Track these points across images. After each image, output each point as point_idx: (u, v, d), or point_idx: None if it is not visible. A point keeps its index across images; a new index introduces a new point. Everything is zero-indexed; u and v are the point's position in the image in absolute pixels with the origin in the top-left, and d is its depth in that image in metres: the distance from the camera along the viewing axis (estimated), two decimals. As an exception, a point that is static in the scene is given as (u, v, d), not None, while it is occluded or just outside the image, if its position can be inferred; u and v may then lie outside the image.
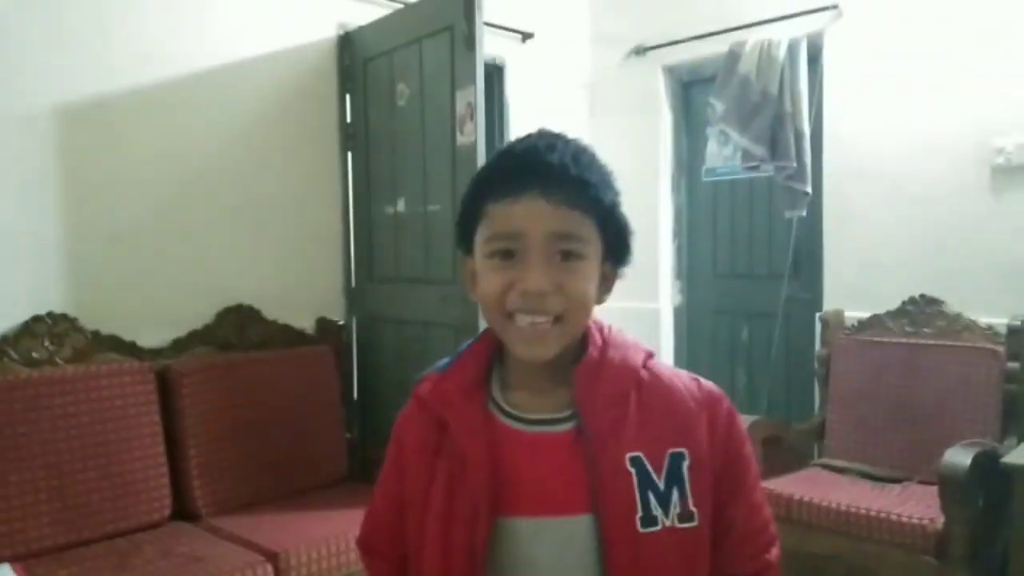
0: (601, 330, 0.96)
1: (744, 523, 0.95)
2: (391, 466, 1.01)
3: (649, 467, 0.88)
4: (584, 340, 0.95)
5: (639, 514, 0.87)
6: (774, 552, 0.98)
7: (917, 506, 2.50)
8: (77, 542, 2.26)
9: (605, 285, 0.95)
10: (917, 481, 2.72)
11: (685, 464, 0.90)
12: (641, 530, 0.86)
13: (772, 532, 0.99)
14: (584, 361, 0.92)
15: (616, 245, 0.94)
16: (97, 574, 2.07)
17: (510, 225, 0.88)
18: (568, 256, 0.88)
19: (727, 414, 0.96)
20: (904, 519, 2.42)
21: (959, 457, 2.36)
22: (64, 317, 2.47)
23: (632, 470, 0.88)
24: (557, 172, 0.87)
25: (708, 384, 0.97)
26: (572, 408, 0.91)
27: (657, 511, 0.87)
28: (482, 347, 0.98)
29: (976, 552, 2.33)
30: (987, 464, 2.38)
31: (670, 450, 0.90)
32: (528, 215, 0.87)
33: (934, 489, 2.44)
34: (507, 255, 0.88)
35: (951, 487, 2.32)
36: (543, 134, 0.92)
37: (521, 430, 0.92)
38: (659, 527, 0.87)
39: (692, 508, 0.89)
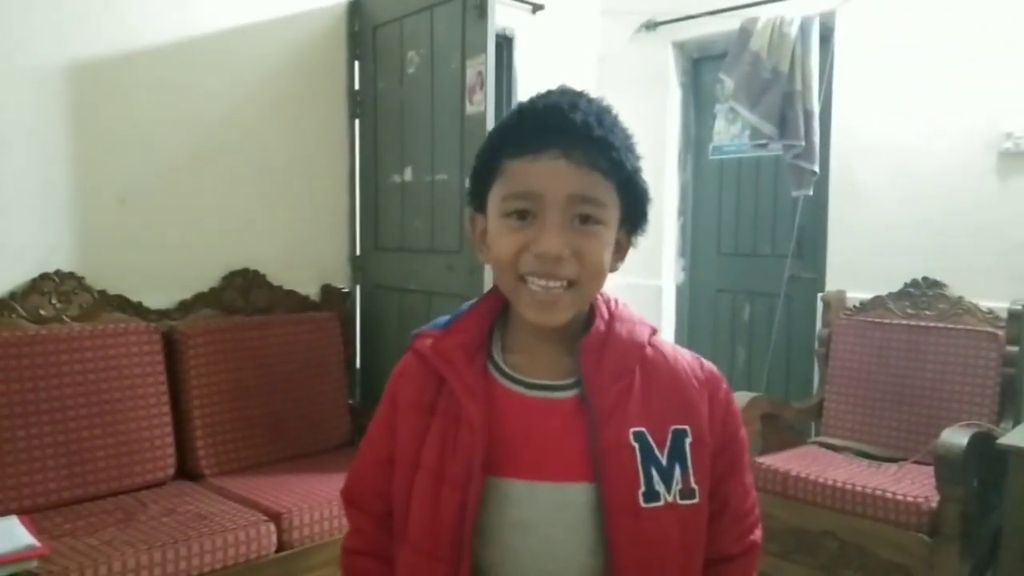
0: (608, 303, 0.95)
1: (737, 504, 0.96)
2: (382, 421, 1.00)
3: (652, 442, 0.88)
4: (590, 311, 0.94)
5: (641, 488, 0.86)
6: (758, 533, 1.00)
7: (912, 485, 2.53)
8: (83, 497, 2.30)
9: (619, 253, 0.93)
10: (913, 461, 2.75)
11: (688, 441, 0.89)
12: (643, 505, 0.85)
13: (758, 514, 1.00)
14: (591, 333, 0.91)
15: (634, 212, 0.92)
16: (103, 528, 2.09)
17: (528, 184, 0.85)
18: (586, 220, 0.86)
19: (725, 395, 0.96)
20: (899, 497, 2.45)
21: (956, 438, 2.39)
22: (71, 276, 2.48)
23: (635, 444, 0.87)
24: (580, 131, 0.84)
25: (709, 364, 0.97)
26: (574, 376, 0.90)
27: (659, 486, 0.86)
28: (485, 307, 0.96)
29: (968, 531, 2.36)
30: (983, 445, 2.41)
31: (673, 426, 0.89)
32: (547, 175, 0.84)
33: (929, 469, 2.47)
34: (523, 215, 0.86)
35: (947, 467, 2.35)
36: (565, 91, 0.89)
37: (520, 393, 0.91)
38: (661, 503, 0.86)
39: (694, 485, 0.88)
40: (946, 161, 3.06)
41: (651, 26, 3.93)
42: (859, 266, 3.28)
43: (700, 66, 4.02)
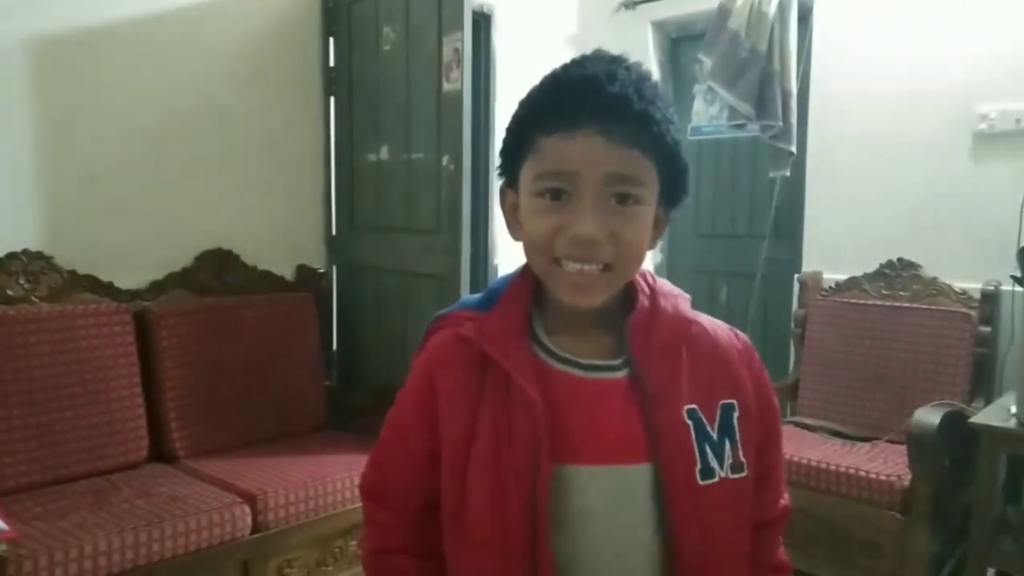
0: (645, 277, 0.92)
1: (775, 470, 0.97)
2: (414, 412, 0.93)
3: (704, 419, 0.87)
4: (629, 287, 0.90)
5: (698, 466, 0.85)
6: (787, 497, 1.01)
7: (885, 464, 2.56)
8: (54, 480, 2.26)
9: (657, 229, 0.88)
10: (886, 440, 2.78)
11: (735, 415, 0.89)
12: (701, 482, 0.85)
13: (785, 478, 1.02)
14: (637, 311, 0.89)
15: (673, 186, 0.87)
16: (74, 512, 2.06)
17: (563, 163, 0.80)
18: (624, 199, 0.81)
19: (759, 365, 0.95)
20: (872, 476, 2.48)
21: (928, 417, 2.41)
22: (40, 255, 2.43)
23: (689, 422, 0.86)
24: (618, 106, 0.78)
25: (743, 335, 0.96)
26: (621, 356, 0.88)
27: (714, 463, 0.86)
28: (522, 289, 0.91)
29: (940, 509, 2.40)
30: (955, 424, 2.44)
31: (722, 401, 0.88)
32: (583, 153, 0.79)
33: (902, 448, 2.50)
34: (556, 194, 0.81)
35: (919, 446, 2.38)
36: (602, 57, 0.83)
37: (576, 374, 0.87)
38: (716, 479, 0.85)
39: (742, 459, 0.88)
40: (922, 143, 3.07)
41: (630, 5, 3.90)
42: (835, 247, 3.30)
43: (679, 46, 4.00)
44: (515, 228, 0.90)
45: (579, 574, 0.85)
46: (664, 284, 0.94)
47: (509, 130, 0.87)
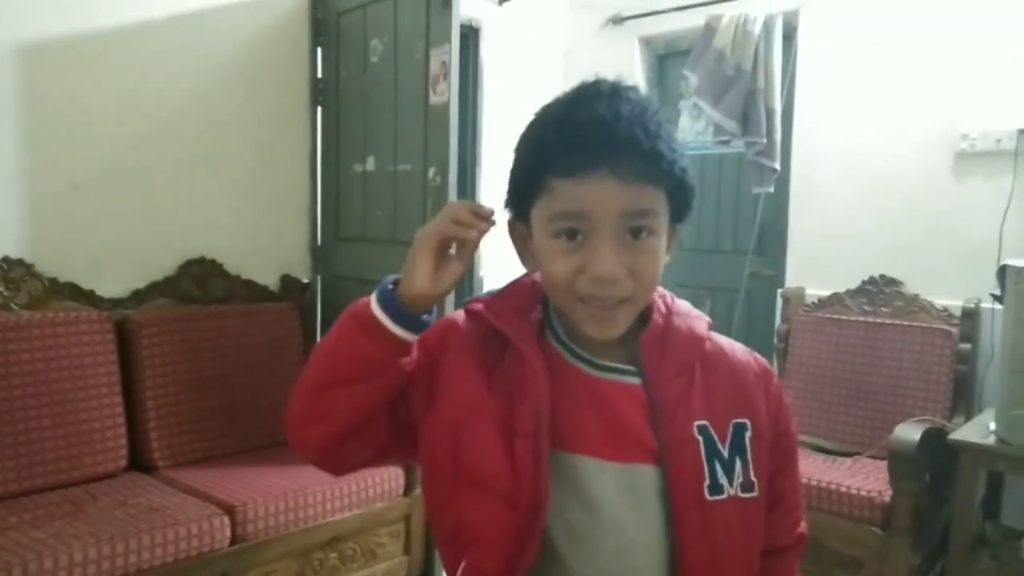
0: (663, 297, 0.95)
1: (790, 496, 0.97)
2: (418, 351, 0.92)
3: (715, 436, 0.88)
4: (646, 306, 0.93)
5: (707, 482, 0.86)
6: (804, 524, 1.01)
7: (866, 479, 2.57)
8: (30, 490, 2.23)
9: (669, 244, 0.90)
10: (868, 456, 2.79)
11: (748, 435, 0.89)
12: (709, 497, 0.85)
13: (804, 505, 1.01)
14: (650, 328, 0.91)
15: (682, 206, 0.90)
16: (50, 521, 2.04)
17: (577, 205, 0.82)
18: (638, 233, 0.83)
19: (777, 389, 0.96)
20: (853, 491, 2.49)
21: (909, 433, 2.43)
22: (20, 263, 2.41)
23: (699, 438, 0.87)
24: (627, 146, 0.80)
25: (761, 358, 0.98)
26: (635, 365, 0.90)
27: (723, 479, 0.86)
28: (531, 285, 0.94)
29: (920, 524, 2.41)
30: (935, 440, 2.45)
31: (734, 420, 0.89)
32: (597, 195, 0.81)
33: (883, 463, 2.51)
34: (572, 234, 0.83)
35: (900, 462, 2.39)
36: (602, 93, 0.83)
37: (589, 372, 0.89)
38: (725, 496, 0.86)
39: (753, 478, 0.88)
40: (904, 161, 3.11)
41: (618, 20, 3.93)
42: (818, 263, 3.32)
43: (666, 62, 4.03)
44: (527, 259, 0.92)
45: (585, 565, 0.85)
46: (682, 305, 0.96)
47: (517, 172, 0.88)
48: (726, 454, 0.88)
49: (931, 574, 2.57)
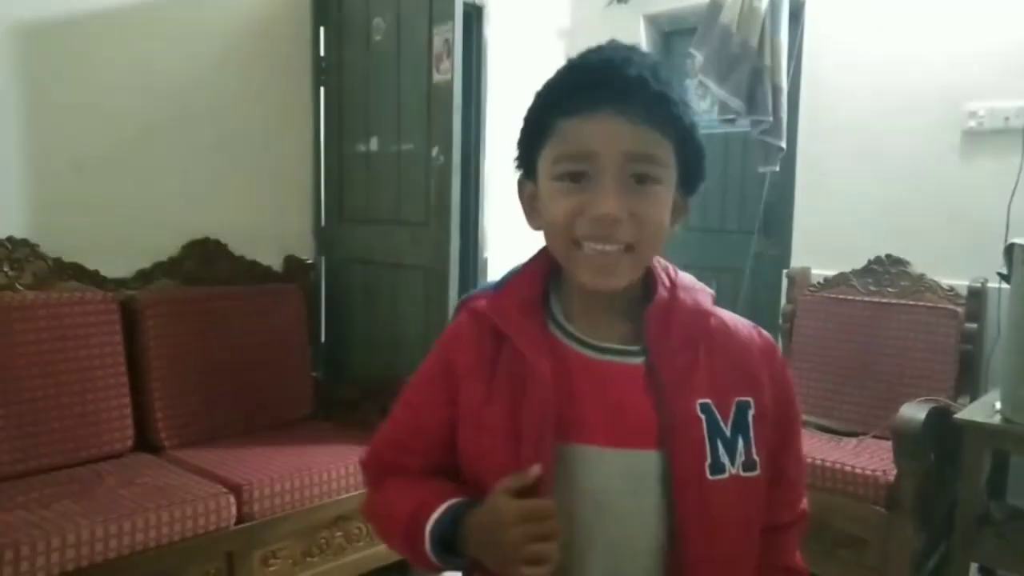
0: (667, 270, 0.93)
1: (792, 473, 0.96)
2: (434, 384, 0.94)
3: (717, 414, 0.86)
4: (650, 278, 0.91)
5: (708, 460, 0.85)
6: (806, 501, 1.00)
7: (871, 459, 2.57)
8: (37, 469, 2.25)
9: (676, 215, 0.89)
10: (872, 435, 2.79)
11: (751, 413, 0.88)
12: (710, 477, 0.84)
13: (805, 482, 1.00)
14: (655, 302, 0.89)
15: (691, 171, 0.88)
16: (57, 501, 2.05)
17: (581, 144, 0.81)
18: (643, 180, 0.82)
19: (780, 365, 0.95)
20: (858, 470, 2.49)
21: (914, 413, 2.42)
22: (25, 243, 2.41)
23: (702, 416, 0.86)
24: (635, 87, 0.80)
25: (765, 333, 0.96)
26: (638, 343, 0.88)
27: (724, 459, 0.85)
28: (537, 269, 0.92)
29: (924, 504, 2.41)
30: (940, 420, 2.45)
31: (737, 398, 0.88)
32: (602, 134, 0.80)
33: (888, 443, 2.50)
34: (576, 177, 0.82)
35: (904, 441, 2.38)
36: (617, 47, 0.85)
37: (590, 356, 0.88)
38: (726, 475, 0.85)
39: (755, 457, 0.87)
40: (911, 139, 3.08)
41: (622, -2, 3.90)
42: (824, 243, 3.30)
43: (672, 40, 4.00)
44: (533, 218, 0.91)
45: (584, 555, 0.85)
46: (686, 278, 0.94)
47: (526, 118, 0.88)
48: (728, 433, 0.87)
49: (935, 553, 2.57)
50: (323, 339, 3.18)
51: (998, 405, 2.37)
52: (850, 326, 3.04)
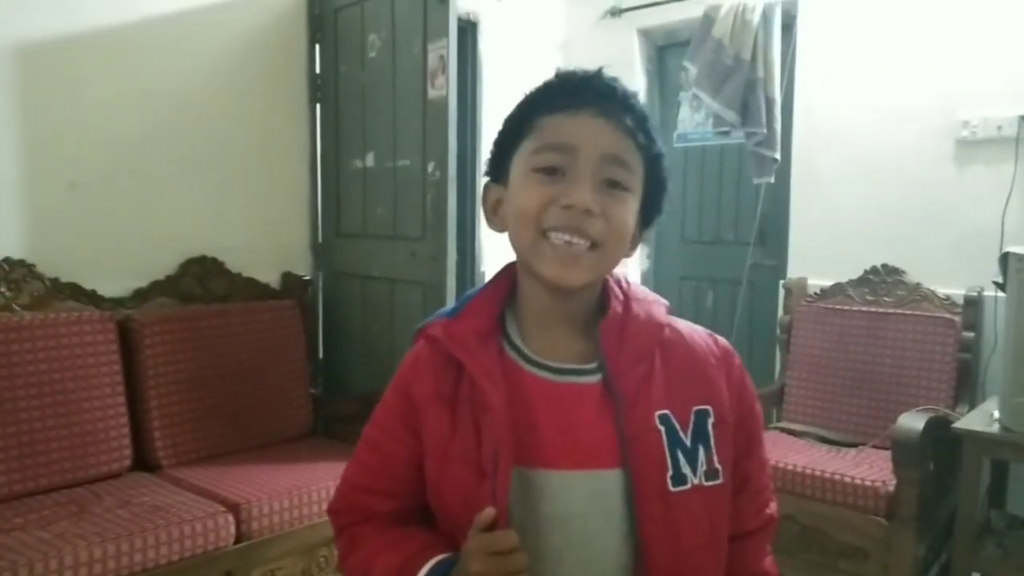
0: (619, 283, 0.93)
1: (756, 479, 0.96)
2: (391, 419, 0.93)
3: (677, 425, 0.86)
4: (604, 292, 0.92)
5: (669, 472, 0.84)
6: (774, 506, 0.99)
7: (870, 469, 2.57)
8: (35, 490, 2.24)
9: (632, 241, 0.91)
10: (871, 445, 2.79)
11: (710, 421, 0.88)
12: (672, 489, 0.84)
13: (772, 487, 1.00)
14: (609, 316, 0.89)
15: (651, 200, 0.91)
16: (55, 522, 2.04)
17: (563, 137, 0.84)
18: (615, 185, 0.85)
19: (740, 371, 0.94)
20: (857, 481, 2.49)
21: (912, 422, 2.42)
22: (21, 263, 2.41)
23: (661, 428, 0.85)
24: (618, 96, 0.86)
25: (723, 340, 0.96)
26: (594, 360, 0.88)
27: (686, 469, 0.85)
28: (493, 292, 0.93)
29: (924, 513, 2.40)
30: (939, 430, 2.45)
31: (695, 407, 0.88)
32: (585, 130, 0.84)
33: (887, 453, 2.50)
34: (551, 172, 0.84)
35: (904, 451, 2.38)
36: (599, 71, 0.90)
37: (548, 379, 0.88)
38: (688, 486, 0.85)
39: (717, 465, 0.87)
40: (905, 149, 3.09)
41: (616, 12, 3.92)
42: (820, 253, 3.31)
43: (665, 53, 4.02)
44: (494, 221, 0.93)
45: None
46: (639, 290, 0.94)
47: (508, 118, 0.90)
48: (688, 442, 0.86)
49: (936, 563, 2.57)
50: (321, 355, 3.17)
51: (996, 414, 2.37)
52: (847, 336, 3.05)
